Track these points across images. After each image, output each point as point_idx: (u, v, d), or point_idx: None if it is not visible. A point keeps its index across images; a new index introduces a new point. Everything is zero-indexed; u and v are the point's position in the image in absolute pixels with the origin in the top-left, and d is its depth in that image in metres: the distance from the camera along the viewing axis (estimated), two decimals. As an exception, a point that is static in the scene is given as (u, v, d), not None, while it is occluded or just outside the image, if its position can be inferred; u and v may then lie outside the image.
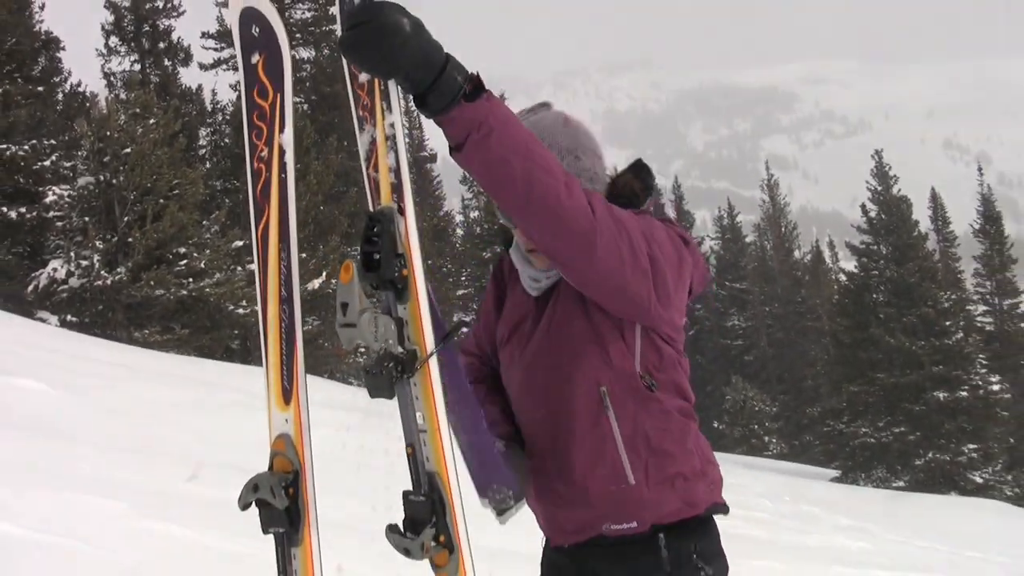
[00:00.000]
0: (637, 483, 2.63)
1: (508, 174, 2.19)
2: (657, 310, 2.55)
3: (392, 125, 2.31)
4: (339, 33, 2.25)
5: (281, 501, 2.56)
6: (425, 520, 2.29)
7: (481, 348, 3.09)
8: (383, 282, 2.25)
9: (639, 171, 2.85)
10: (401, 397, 2.31)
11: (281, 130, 2.74)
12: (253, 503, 2.61)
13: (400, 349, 2.26)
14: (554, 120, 2.74)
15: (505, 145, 2.15)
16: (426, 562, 2.32)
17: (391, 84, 2.28)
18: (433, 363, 2.24)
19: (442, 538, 2.28)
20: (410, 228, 2.29)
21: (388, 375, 2.25)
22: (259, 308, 2.73)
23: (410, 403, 2.30)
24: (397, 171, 2.30)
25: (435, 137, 56.19)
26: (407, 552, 2.29)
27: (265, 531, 2.63)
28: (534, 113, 2.77)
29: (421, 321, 2.25)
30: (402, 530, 2.32)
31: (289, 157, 2.72)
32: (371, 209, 2.38)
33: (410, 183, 2.29)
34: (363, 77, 2.35)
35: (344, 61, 2.39)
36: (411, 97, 2.20)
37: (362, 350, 2.30)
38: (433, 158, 52.81)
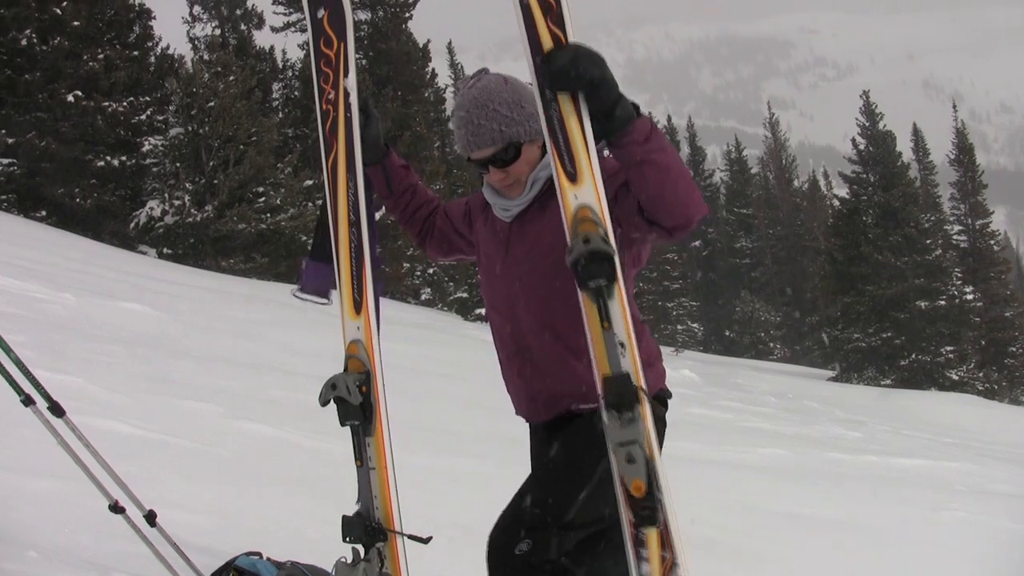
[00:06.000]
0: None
1: (672, 162, 2.47)
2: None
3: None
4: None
5: (355, 397, 2.58)
6: None
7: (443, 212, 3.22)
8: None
9: None
10: None
11: (345, 75, 2.72)
12: (332, 400, 2.63)
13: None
14: (496, 82, 2.81)
15: (667, 148, 2.48)
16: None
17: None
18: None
19: None
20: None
21: None
22: (331, 232, 2.72)
23: None
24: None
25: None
26: None
27: (343, 423, 2.65)
28: (479, 80, 2.83)
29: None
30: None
31: (353, 99, 2.70)
32: None
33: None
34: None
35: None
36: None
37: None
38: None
